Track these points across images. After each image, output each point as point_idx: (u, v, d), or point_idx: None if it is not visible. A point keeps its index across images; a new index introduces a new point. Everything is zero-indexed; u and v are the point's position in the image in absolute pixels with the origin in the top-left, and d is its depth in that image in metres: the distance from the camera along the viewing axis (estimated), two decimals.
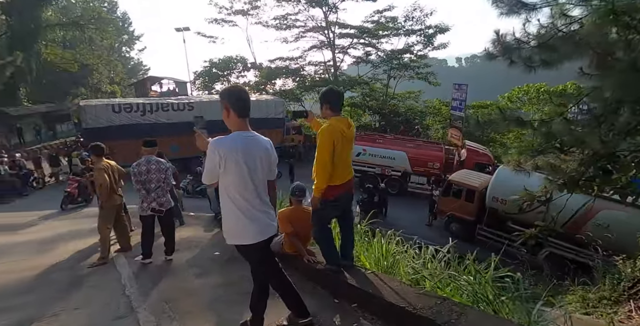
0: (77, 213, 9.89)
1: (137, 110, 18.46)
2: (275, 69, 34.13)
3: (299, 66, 33.83)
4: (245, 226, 2.43)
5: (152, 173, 4.81)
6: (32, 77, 28.07)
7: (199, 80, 36.94)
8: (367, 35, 31.19)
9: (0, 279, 4.74)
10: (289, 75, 34.07)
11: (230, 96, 2.45)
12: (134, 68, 54.00)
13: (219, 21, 34.17)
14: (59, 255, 5.70)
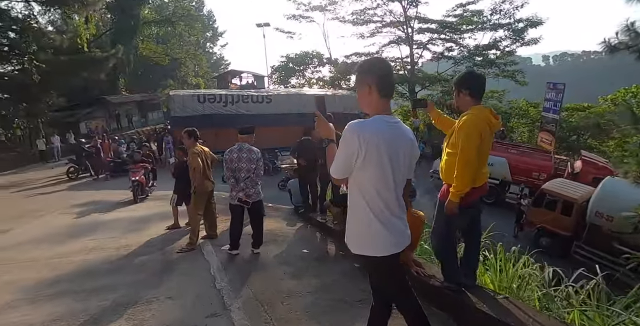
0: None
1: (219, 100, 19.17)
2: (350, 65, 33.67)
3: None
4: (379, 234, 1.93)
5: (242, 162, 4.57)
6: (129, 69, 30.82)
7: (276, 74, 37.93)
8: (449, 30, 29.37)
9: (92, 256, 4.85)
10: None
11: (373, 70, 1.92)
12: (216, 63, 57.05)
13: (297, 17, 34.56)
14: (148, 236, 5.81)
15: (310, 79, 38.67)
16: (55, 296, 3.54)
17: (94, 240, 5.61)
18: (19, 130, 22.85)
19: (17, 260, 4.77)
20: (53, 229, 6.50)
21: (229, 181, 4.63)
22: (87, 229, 6.44)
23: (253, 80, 35.86)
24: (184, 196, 6.41)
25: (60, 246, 5.37)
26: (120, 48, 23.72)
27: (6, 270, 4.44)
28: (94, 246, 5.26)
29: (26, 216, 7.78)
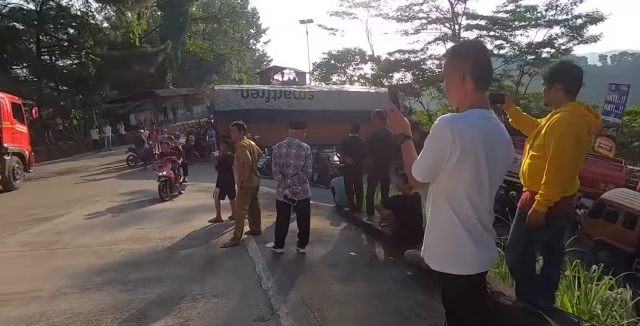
0: None
1: (262, 96, 19.31)
2: (393, 62, 32.98)
3: (419, 59, 31.98)
4: (467, 250, 1.61)
5: (290, 157, 4.39)
6: (177, 64, 31.94)
7: (317, 71, 37.85)
8: (499, 27, 27.88)
9: (138, 246, 4.87)
10: (408, 68, 32.56)
11: (470, 55, 1.59)
12: (258, 59, 57.89)
13: (340, 14, 34.26)
14: (192, 228, 5.80)
15: (352, 76, 38.29)
16: (102, 285, 3.53)
17: (141, 230, 5.67)
18: (75, 120, 24.24)
19: (71, 245, 4.89)
20: (104, 215, 6.67)
21: (275, 176, 4.48)
22: (135, 218, 6.56)
23: (295, 77, 36.02)
24: (227, 190, 6.38)
25: (109, 234, 5.47)
26: (169, 43, 24.54)
27: (60, 254, 4.55)
28: (140, 236, 5.30)
29: (81, 201, 8.10)
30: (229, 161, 6.40)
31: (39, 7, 22.31)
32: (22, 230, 5.69)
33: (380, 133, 5.73)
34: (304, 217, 4.54)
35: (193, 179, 11.58)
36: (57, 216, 6.68)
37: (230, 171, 6.30)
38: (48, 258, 4.41)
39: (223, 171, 6.45)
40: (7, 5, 21.54)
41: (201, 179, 11.45)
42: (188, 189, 10.18)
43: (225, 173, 6.42)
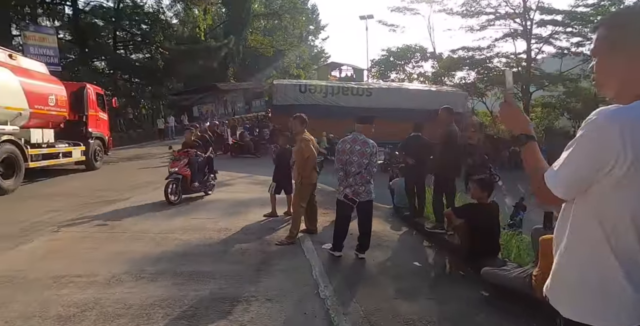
0: None
1: (319, 91, 19.17)
2: (456, 60, 31.34)
3: (485, 57, 30.01)
4: (624, 296, 1.12)
5: (354, 154, 4.03)
6: (238, 59, 32.82)
7: (375, 68, 37.05)
8: (578, 23, 25.26)
9: (194, 236, 4.78)
10: (472, 67, 30.74)
11: None
12: (316, 55, 58.07)
13: (402, 9, 33.22)
14: (246, 221, 5.67)
15: (411, 74, 37.06)
16: (156, 275, 3.43)
17: (196, 220, 5.65)
18: (144, 110, 25.82)
19: (130, 230, 4.94)
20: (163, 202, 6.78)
21: (337, 174, 4.16)
22: (191, 207, 6.60)
23: (352, 73, 35.60)
24: (284, 184, 6.19)
25: (166, 221, 5.49)
26: (232, 38, 25.25)
27: (119, 239, 4.59)
28: (195, 226, 5.25)
29: (143, 187, 8.39)
30: (287, 155, 6.21)
31: (117, 4, 24.00)
32: (88, 211, 5.91)
33: (452, 132, 5.21)
34: (366, 219, 4.18)
35: (249, 171, 11.71)
36: (120, 199, 6.91)
37: (288, 165, 6.10)
38: (108, 241, 4.47)
39: (280, 165, 6.27)
40: (89, 3, 23.42)
41: (257, 172, 11.50)
42: (242, 181, 10.25)
43: (282, 167, 6.23)
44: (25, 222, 5.18)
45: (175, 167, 6.66)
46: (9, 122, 7.50)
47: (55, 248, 4.12)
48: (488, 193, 4.12)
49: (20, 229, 4.80)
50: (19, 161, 7.45)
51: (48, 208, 6.06)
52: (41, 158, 8.42)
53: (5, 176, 7.10)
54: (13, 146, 7.35)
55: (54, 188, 7.92)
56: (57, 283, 3.20)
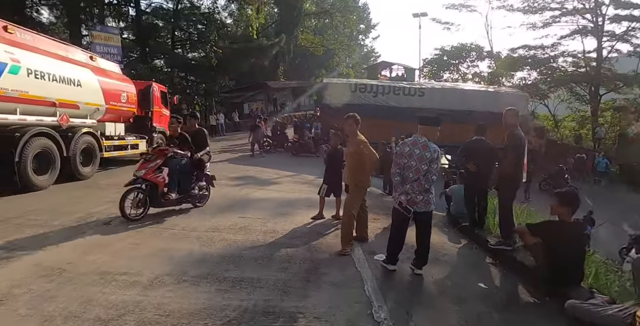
0: None
1: (370, 90, 18.69)
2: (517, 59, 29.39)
3: (548, 57, 27.80)
4: None
5: (413, 158, 3.60)
6: (288, 58, 33.09)
7: (427, 68, 35.74)
8: None
9: (240, 237, 4.59)
10: (534, 66, 28.65)
11: None
12: (366, 55, 57.33)
13: (457, 6, 31.84)
14: (294, 223, 5.43)
15: (465, 74, 35.36)
16: (199, 279, 3.25)
17: (244, 219, 5.49)
18: (198, 106, 26.74)
19: (178, 226, 4.87)
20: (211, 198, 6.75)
21: (393, 178, 3.76)
22: (239, 205, 6.49)
23: (403, 73, 34.57)
24: (335, 187, 5.89)
25: (214, 219, 5.39)
26: (284, 37, 25.44)
27: (166, 235, 4.52)
28: (243, 226, 5.09)
29: None
30: (339, 156, 5.91)
31: (176, 5, 25.06)
32: None
33: (518, 136, 4.60)
34: (424, 232, 3.74)
35: (297, 170, 11.57)
36: None
37: (340, 167, 5.80)
38: (155, 236, 4.41)
39: (332, 166, 5.98)
40: (151, 4, 24.66)
41: (304, 171, 11.37)
42: (290, 180, 10.10)
43: (334, 168, 5.93)
44: (81, 212, 5.29)
45: (143, 169, 5.10)
46: (89, 116, 8.34)
47: (104, 242, 4.10)
48: (571, 209, 3.53)
49: (76, 220, 4.90)
50: (95, 151, 8.31)
51: (106, 198, 6.20)
52: (113, 149, 9.25)
53: (84, 164, 7.95)
54: (91, 137, 8.17)
55: (116, 178, 8.18)
56: (103, 279, 3.12)
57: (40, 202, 5.87)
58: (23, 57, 6.46)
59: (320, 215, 5.91)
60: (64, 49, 8.09)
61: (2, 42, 6.19)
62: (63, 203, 5.90)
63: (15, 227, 4.51)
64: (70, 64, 7.89)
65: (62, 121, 7.37)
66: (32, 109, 6.74)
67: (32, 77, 6.60)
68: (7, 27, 6.52)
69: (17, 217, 4.93)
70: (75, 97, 7.77)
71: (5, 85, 6.07)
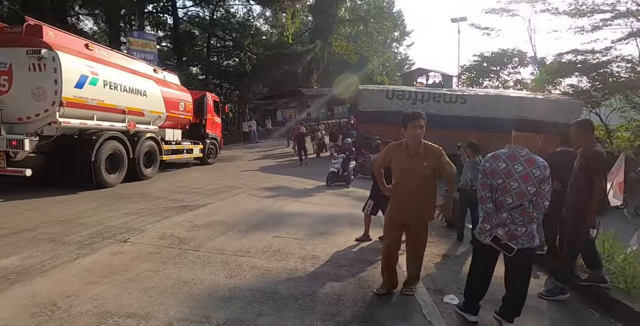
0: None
1: (408, 97, 17.81)
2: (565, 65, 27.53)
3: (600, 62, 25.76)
4: None
5: (512, 178, 2.69)
6: (322, 65, 32.63)
7: (465, 75, 34.26)
8: None
9: (275, 264, 3.85)
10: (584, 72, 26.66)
11: None
12: (400, 62, 56.21)
13: (498, 11, 30.36)
14: (336, 246, 4.63)
15: (506, 81, 33.58)
16: None
17: (278, 238, 4.76)
18: (231, 113, 26.67)
19: (203, 248, 4.18)
20: (242, 212, 6.10)
21: (483, 204, 2.82)
22: (273, 220, 5.77)
23: (440, 80, 33.29)
24: (382, 203, 5.05)
25: (244, 237, 4.69)
26: (319, 43, 24.97)
27: (188, 259, 3.82)
28: (277, 248, 4.34)
29: (224, 191, 7.89)
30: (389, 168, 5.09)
31: (212, 13, 25.23)
32: (166, 218, 5.37)
33: (599, 154, 3.57)
34: (523, 274, 2.81)
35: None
36: (199, 206, 6.35)
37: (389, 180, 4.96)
38: (175, 261, 3.72)
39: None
40: (187, 13, 24.97)
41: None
42: (326, 191, 9.33)
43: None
44: (99, 225, 4.75)
45: None
46: (152, 122, 9.14)
47: (116, 266, 3.45)
48: None
49: (90, 235, 4.33)
50: (156, 154, 9.12)
51: (131, 208, 5.74)
52: (171, 153, 10.12)
53: (146, 165, 8.77)
54: (153, 142, 8.98)
55: (142, 188, 7.73)
56: (102, 325, 2.44)
57: (62, 210, 5.40)
58: (100, 70, 7.35)
59: (366, 236, 5.09)
60: (132, 62, 9.06)
61: (84, 57, 7.09)
62: (82, 213, 5.38)
63: (27, 242, 3.99)
64: (137, 76, 8.73)
65: (130, 126, 8.18)
66: (106, 116, 7.59)
67: (107, 88, 7.49)
68: (88, 45, 7.52)
69: (32, 230, 4.43)
70: (141, 105, 8.60)
71: (86, 94, 6.93)
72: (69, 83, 6.56)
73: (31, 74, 6.33)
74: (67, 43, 6.97)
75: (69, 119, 6.70)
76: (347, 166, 10.25)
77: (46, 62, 6.30)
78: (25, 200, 6.03)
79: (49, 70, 6.32)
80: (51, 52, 6.32)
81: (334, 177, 9.93)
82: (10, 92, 6.36)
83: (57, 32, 6.94)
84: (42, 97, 6.34)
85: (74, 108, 6.76)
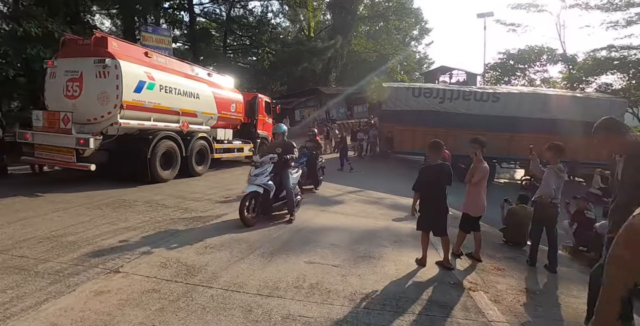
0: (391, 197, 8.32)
1: (436, 96, 16.62)
2: (601, 61, 25.89)
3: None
4: None
5: None
6: (341, 63, 31.56)
7: (489, 73, 32.75)
8: None
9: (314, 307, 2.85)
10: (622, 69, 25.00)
11: None
12: (419, 61, 54.72)
13: (525, 6, 28.98)
14: (388, 276, 3.58)
15: (533, 80, 31.93)
16: None
17: (312, 265, 3.72)
18: None
19: (217, 283, 3.16)
20: (264, 226, 5.09)
21: None
22: (302, 238, 4.73)
23: (465, 78, 31.88)
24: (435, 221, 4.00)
25: (269, 265, 3.67)
26: (339, 38, 23.93)
27: (197, 300, 2.82)
28: (314, 281, 3.31)
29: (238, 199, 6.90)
30: (442, 173, 4.03)
31: (228, 10, 24.48)
32: (171, 234, 4.40)
33: None
34: None
35: (360, 184, 9.74)
36: (213, 217, 5.38)
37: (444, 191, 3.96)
38: (179, 306, 2.70)
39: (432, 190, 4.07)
40: (204, 9, 24.25)
41: (366, 185, 9.62)
42: (354, 197, 8.27)
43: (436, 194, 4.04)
44: (89, 245, 3.79)
45: None
46: (204, 123, 9.57)
47: (94, 319, 2.46)
48: None
49: (73, 260, 3.37)
50: (208, 152, 9.56)
51: (133, 221, 4.81)
52: (222, 151, 10.48)
53: (198, 163, 9.19)
54: (204, 141, 9.40)
55: (148, 192, 6.81)
56: None
57: (52, 222, 4.48)
58: (157, 75, 7.90)
59: (423, 259, 4.06)
60: (188, 68, 9.56)
61: (143, 64, 7.69)
62: (74, 227, 4.43)
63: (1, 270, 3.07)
64: (191, 80, 9.22)
65: (183, 127, 8.67)
66: (162, 117, 8.15)
67: (163, 92, 8.06)
68: (147, 52, 8.20)
69: (5, 251, 3.51)
70: (194, 107, 9.08)
71: (143, 98, 7.53)
72: (129, 88, 7.16)
73: (97, 80, 7.05)
74: (128, 52, 7.64)
75: (128, 120, 7.30)
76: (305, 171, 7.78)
77: (109, 70, 6.96)
78: (39, 198, 5.17)
79: (111, 77, 6.99)
80: (114, 61, 6.97)
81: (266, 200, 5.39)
82: (81, 97, 7.13)
83: (120, 42, 7.68)
84: (106, 100, 7.02)
85: (133, 111, 7.35)
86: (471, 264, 4.40)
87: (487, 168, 4.45)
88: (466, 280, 3.73)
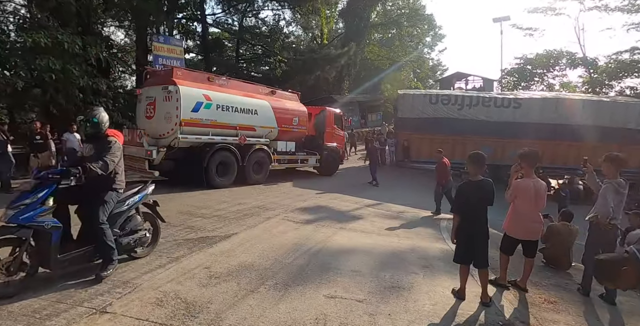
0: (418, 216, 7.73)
1: (454, 103, 16.02)
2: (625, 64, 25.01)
3: None
4: None
5: None
6: (354, 70, 31.13)
7: (506, 79, 31.93)
8: None
9: None
10: None
11: None
12: (432, 68, 54.08)
13: (542, 10, 28.36)
14: (425, 316, 3.02)
15: (552, 85, 30.99)
16: None
17: (334, 300, 3.19)
18: None
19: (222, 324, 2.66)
20: (276, 249, 4.58)
21: None
22: (318, 262, 4.19)
23: (481, 84, 31.12)
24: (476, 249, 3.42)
25: (283, 300, 3.15)
26: (353, 45, 23.54)
27: None
28: (336, 324, 2.77)
29: (252, 214, 6.41)
30: (483, 191, 3.47)
31: (240, 19, 24.40)
32: (174, 260, 3.92)
33: None
34: None
35: (375, 197, 9.09)
36: (221, 238, 4.88)
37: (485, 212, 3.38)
38: None
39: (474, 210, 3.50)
40: (217, 20, 24.23)
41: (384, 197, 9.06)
42: (373, 212, 7.70)
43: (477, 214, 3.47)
44: (75, 276, 3.33)
45: None
46: (264, 136, 10.35)
47: None
48: None
49: (53, 298, 2.91)
50: (266, 163, 10.34)
51: None
52: (286, 162, 11.34)
53: (256, 172, 10.03)
54: (262, 153, 10.19)
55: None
56: None
57: None
58: (215, 96, 8.97)
59: (462, 291, 3.47)
60: (249, 88, 10.53)
61: (202, 88, 8.81)
62: None
63: None
64: (250, 98, 10.01)
65: (241, 140, 9.52)
66: (220, 132, 9.12)
67: (220, 110, 9.07)
68: (209, 77, 9.47)
69: None
70: (252, 122, 9.91)
71: (201, 116, 8.64)
72: (187, 108, 8.33)
73: (164, 103, 8.47)
74: (190, 78, 8.87)
75: (186, 135, 8.47)
76: None
77: (172, 94, 8.30)
78: None
79: (173, 100, 8.30)
80: (175, 87, 8.25)
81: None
82: (154, 117, 8.71)
83: (184, 71, 9.16)
84: (170, 119, 8.36)
85: (191, 127, 8.50)
86: (515, 294, 3.79)
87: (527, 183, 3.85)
88: (517, 320, 3.13)
